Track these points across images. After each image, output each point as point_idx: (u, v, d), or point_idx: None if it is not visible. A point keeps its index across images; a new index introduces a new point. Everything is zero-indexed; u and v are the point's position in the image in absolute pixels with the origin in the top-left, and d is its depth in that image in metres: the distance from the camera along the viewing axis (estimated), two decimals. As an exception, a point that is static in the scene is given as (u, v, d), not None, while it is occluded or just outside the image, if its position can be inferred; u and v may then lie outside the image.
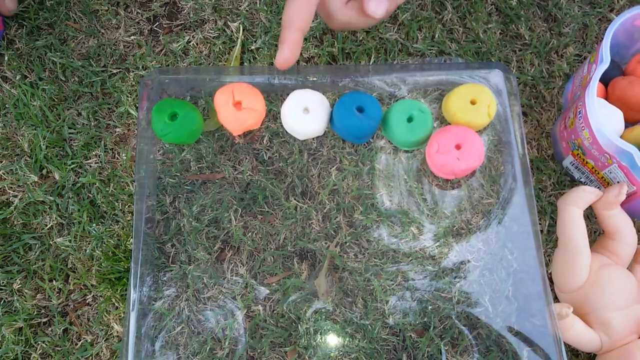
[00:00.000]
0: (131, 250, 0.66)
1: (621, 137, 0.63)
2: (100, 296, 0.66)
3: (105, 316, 0.65)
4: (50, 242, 0.67)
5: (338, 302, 0.63)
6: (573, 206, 0.61)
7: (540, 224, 0.68)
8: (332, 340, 0.62)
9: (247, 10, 0.76)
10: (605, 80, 0.68)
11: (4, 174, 0.70)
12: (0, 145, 0.71)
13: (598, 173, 0.64)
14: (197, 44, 0.75)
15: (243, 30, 0.75)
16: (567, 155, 0.67)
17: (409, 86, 0.69)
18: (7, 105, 0.72)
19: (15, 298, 0.66)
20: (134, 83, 0.73)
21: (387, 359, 0.62)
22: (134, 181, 0.69)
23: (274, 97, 0.69)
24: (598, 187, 0.66)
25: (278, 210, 0.66)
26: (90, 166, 0.70)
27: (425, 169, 0.66)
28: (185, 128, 0.62)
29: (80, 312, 0.66)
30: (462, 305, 0.63)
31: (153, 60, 0.74)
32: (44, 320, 0.65)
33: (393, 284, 0.63)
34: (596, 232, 0.68)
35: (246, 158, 0.68)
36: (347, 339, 0.62)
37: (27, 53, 0.75)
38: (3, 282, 0.66)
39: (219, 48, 0.75)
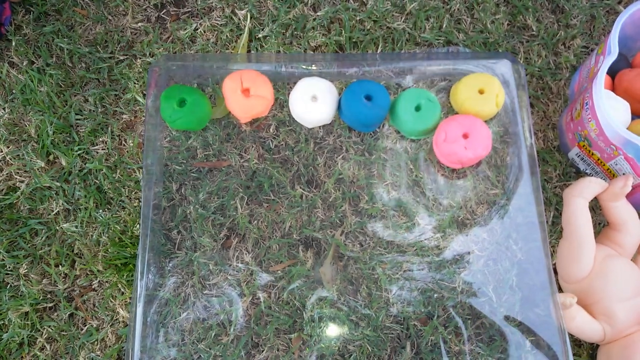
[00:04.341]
0: (137, 236, 0.66)
1: (628, 128, 0.63)
2: (106, 282, 0.66)
3: (111, 301, 0.65)
4: (57, 228, 0.68)
5: (342, 290, 0.63)
6: (579, 197, 0.61)
7: (545, 214, 0.68)
8: (337, 327, 0.62)
9: (254, -2, 0.77)
10: (612, 72, 0.67)
11: (11, 159, 0.70)
12: (7, 130, 0.71)
13: (604, 164, 0.64)
14: (204, 32, 0.75)
15: (250, 18, 0.75)
16: (573, 146, 0.67)
17: (415, 76, 0.69)
18: (14, 91, 0.72)
19: (21, 283, 0.66)
20: (141, 70, 0.73)
21: (391, 347, 0.62)
22: (140, 168, 0.69)
23: (281, 85, 0.69)
24: (603, 179, 0.66)
25: (284, 199, 0.66)
26: (97, 152, 0.70)
27: (431, 158, 0.67)
28: (194, 114, 0.63)
29: (86, 298, 0.66)
30: (466, 294, 0.63)
31: (160, 48, 0.74)
32: (50, 305, 0.66)
33: (397, 273, 0.64)
34: (601, 224, 0.68)
35: (252, 146, 0.68)
36: (351, 327, 0.62)
37: (34, 39, 0.75)
38: (10, 267, 0.66)
39: (226, 36, 0.75)
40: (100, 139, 0.71)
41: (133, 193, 0.69)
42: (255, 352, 0.62)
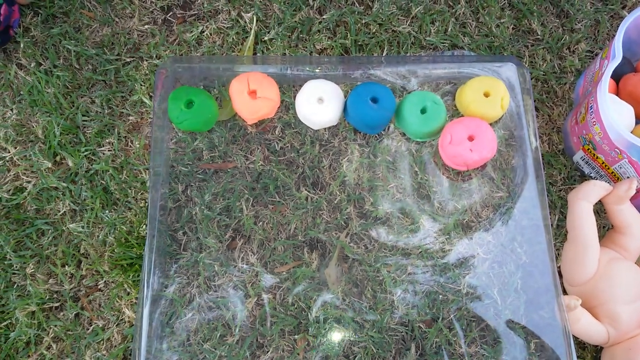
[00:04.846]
0: (143, 236, 0.67)
1: (632, 132, 0.64)
2: (112, 282, 0.66)
3: (117, 302, 0.66)
4: (63, 228, 0.68)
5: (347, 291, 0.63)
6: (583, 200, 0.61)
7: (550, 218, 0.68)
8: (341, 329, 0.62)
9: (260, 1, 0.77)
10: (616, 76, 0.68)
11: (18, 159, 0.70)
12: (14, 131, 0.71)
13: (608, 168, 0.64)
14: (210, 34, 0.76)
15: (256, 20, 0.76)
16: (578, 150, 0.67)
17: (420, 79, 0.69)
18: (21, 92, 0.73)
19: (28, 282, 0.66)
20: (147, 72, 0.74)
21: (396, 348, 0.62)
22: (147, 169, 0.69)
23: (287, 87, 0.69)
24: (608, 182, 0.66)
25: (289, 200, 0.67)
26: (104, 153, 0.71)
27: (436, 161, 0.67)
28: (201, 116, 0.63)
29: (92, 298, 0.66)
30: (470, 297, 0.63)
31: (167, 50, 0.75)
32: (56, 304, 0.66)
33: (402, 275, 0.64)
34: (605, 227, 0.68)
35: (258, 148, 0.68)
36: (356, 329, 0.62)
37: (42, 41, 0.75)
38: (16, 267, 0.67)
39: (233, 38, 0.75)
40: (107, 140, 0.71)
41: (139, 194, 0.69)
42: (260, 352, 0.62)
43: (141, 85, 0.73)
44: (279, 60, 0.71)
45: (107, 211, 0.68)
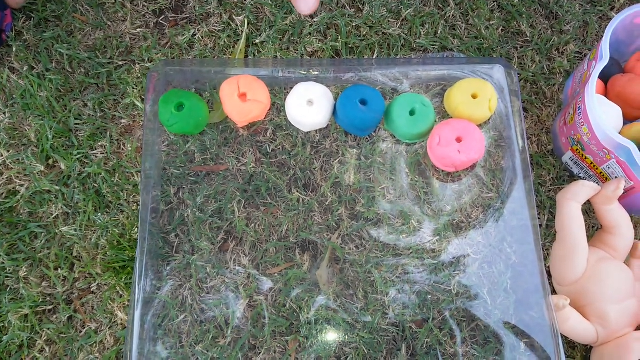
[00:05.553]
0: (136, 239, 0.67)
1: (620, 133, 0.64)
2: (105, 285, 0.67)
3: (110, 304, 0.66)
4: (56, 231, 0.68)
5: (339, 293, 0.64)
6: (572, 200, 0.62)
7: (539, 218, 0.68)
8: (333, 330, 0.63)
9: (252, 4, 0.77)
10: (605, 77, 0.68)
11: (11, 163, 0.71)
12: (7, 135, 0.72)
13: (597, 168, 0.65)
14: (202, 37, 0.76)
15: (248, 24, 0.76)
16: (567, 150, 0.68)
17: (411, 81, 0.70)
18: (14, 96, 0.73)
19: (21, 285, 0.66)
20: (139, 75, 0.74)
21: (387, 349, 0.62)
22: (139, 172, 0.70)
23: (278, 90, 0.70)
24: (596, 182, 0.67)
25: (281, 202, 0.67)
26: (96, 156, 0.71)
27: (427, 162, 0.67)
28: (191, 118, 0.63)
29: (85, 300, 0.66)
30: (461, 297, 0.63)
31: (159, 53, 0.75)
32: (49, 307, 0.66)
33: (393, 276, 0.64)
34: (594, 227, 0.69)
35: (250, 150, 0.68)
36: (348, 330, 0.63)
37: (34, 45, 0.76)
38: (9, 270, 0.67)
39: (224, 41, 0.76)
40: (99, 144, 0.72)
41: (131, 197, 0.69)
42: (252, 354, 0.62)
43: (133, 88, 0.74)
44: (270, 63, 0.71)
45: (99, 214, 0.69)
